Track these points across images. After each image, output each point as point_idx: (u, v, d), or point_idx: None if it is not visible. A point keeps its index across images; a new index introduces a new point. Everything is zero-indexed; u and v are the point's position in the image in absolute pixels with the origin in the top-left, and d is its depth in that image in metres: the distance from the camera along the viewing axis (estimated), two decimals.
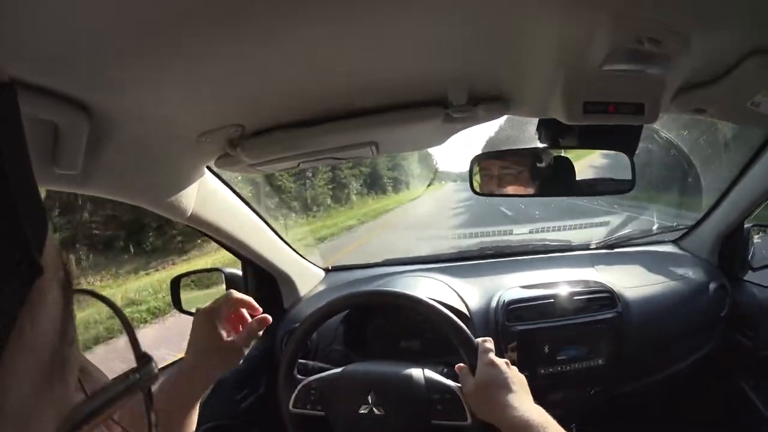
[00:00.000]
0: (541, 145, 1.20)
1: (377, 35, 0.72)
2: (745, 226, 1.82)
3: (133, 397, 0.35)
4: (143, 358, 0.36)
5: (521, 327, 1.53)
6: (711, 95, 0.93)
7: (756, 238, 1.85)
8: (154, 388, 0.48)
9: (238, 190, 1.43)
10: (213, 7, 0.57)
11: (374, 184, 21.94)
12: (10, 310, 0.24)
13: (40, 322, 0.26)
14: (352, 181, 20.05)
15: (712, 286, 1.76)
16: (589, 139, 1.17)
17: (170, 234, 12.08)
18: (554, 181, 1.27)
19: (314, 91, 0.90)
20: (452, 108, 0.98)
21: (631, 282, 1.73)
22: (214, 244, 1.61)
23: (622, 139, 1.18)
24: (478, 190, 1.28)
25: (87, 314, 6.51)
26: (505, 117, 1.08)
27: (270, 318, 1.03)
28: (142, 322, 7.66)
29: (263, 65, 0.76)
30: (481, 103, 0.98)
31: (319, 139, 1.04)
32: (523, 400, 1.00)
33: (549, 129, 1.16)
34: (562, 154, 1.27)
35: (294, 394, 1.25)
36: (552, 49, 0.79)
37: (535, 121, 1.18)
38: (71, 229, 10.94)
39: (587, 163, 1.34)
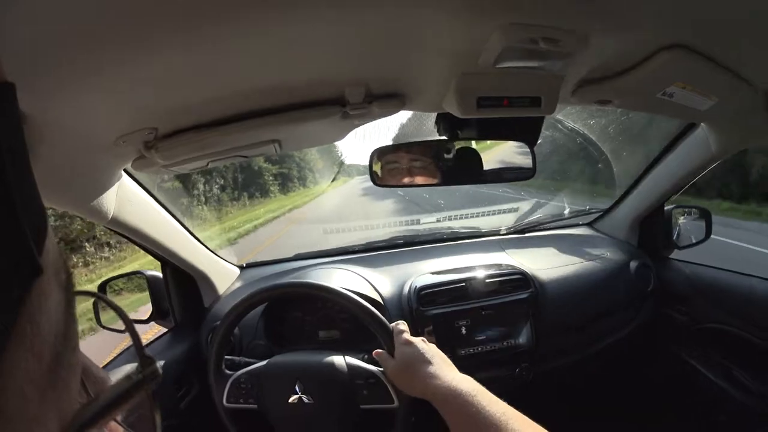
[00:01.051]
0: (440, 138, 1.23)
1: (276, 41, 0.75)
2: (666, 208, 1.91)
3: (137, 398, 0.35)
4: (146, 359, 0.37)
5: (435, 311, 1.58)
6: (617, 87, 0.97)
7: (681, 219, 1.95)
8: None
9: (153, 193, 1.43)
10: (119, 19, 0.60)
11: (249, 185, 19.34)
12: (9, 309, 0.24)
13: (41, 324, 0.26)
14: (199, 183, 15.92)
15: (633, 264, 1.84)
16: (488, 131, 1.21)
17: None
18: (460, 170, 1.31)
19: (220, 94, 0.92)
20: (349, 106, 1.01)
21: (545, 263, 1.79)
22: None
23: (522, 130, 1.22)
24: (379, 182, 1.31)
25: None
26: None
27: None
28: None
29: (171, 72, 0.78)
30: (376, 100, 1.02)
31: (226, 139, 1.06)
32: (446, 371, 0.99)
33: (447, 122, 1.20)
34: (467, 145, 1.31)
35: (225, 390, 1.27)
36: (445, 50, 0.82)
37: (433, 114, 1.21)
38: None
39: (496, 152, 1.38)
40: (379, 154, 1.30)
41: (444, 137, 1.23)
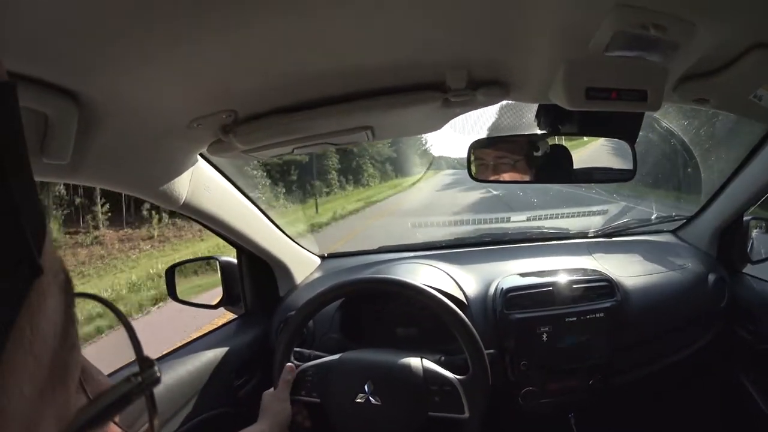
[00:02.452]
0: (540, 132, 1.19)
1: (373, 16, 0.70)
2: (744, 218, 1.79)
3: (136, 400, 0.35)
4: (145, 362, 0.36)
5: (519, 315, 1.50)
6: (714, 86, 0.93)
7: (755, 232, 1.83)
8: None
9: (232, 178, 1.41)
10: None
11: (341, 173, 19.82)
12: (9, 309, 0.24)
13: (40, 324, 0.26)
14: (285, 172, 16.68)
15: (711, 277, 1.73)
16: (590, 126, 1.16)
17: None
18: (551, 168, 1.26)
19: (308, 75, 0.88)
20: (450, 92, 0.96)
21: (630, 271, 1.70)
22: None
23: (623, 127, 1.17)
24: (476, 176, 1.27)
25: None
26: (504, 102, 1.07)
27: None
28: None
29: (254, 49, 0.74)
30: (480, 87, 0.97)
31: (312, 124, 1.02)
32: None
33: (549, 115, 1.16)
34: (559, 143, 1.26)
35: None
36: (554, 33, 0.78)
37: (534, 107, 1.17)
38: None
39: (586, 152, 1.33)
40: (476, 147, 1.26)
41: (544, 131, 1.19)
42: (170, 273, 1.67)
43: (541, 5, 0.70)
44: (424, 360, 1.23)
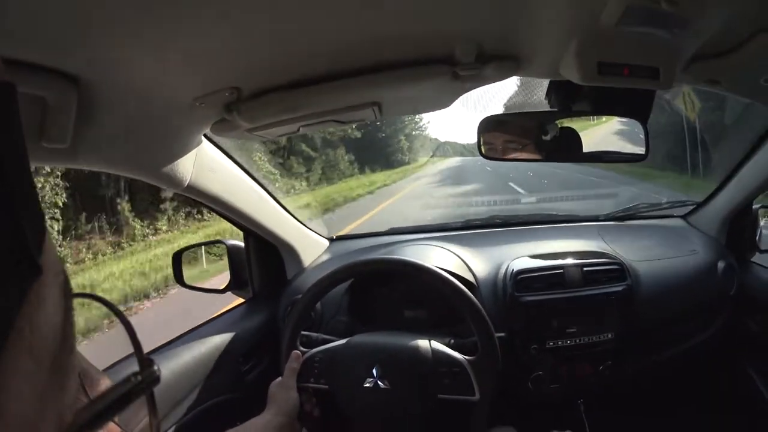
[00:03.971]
0: (551, 110, 1.17)
1: None
2: (754, 206, 1.77)
3: (136, 400, 0.35)
4: (145, 361, 0.37)
5: (530, 297, 1.49)
6: (724, 67, 0.93)
7: (763, 221, 1.81)
8: None
9: (237, 159, 1.40)
10: None
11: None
12: (9, 309, 0.24)
13: (40, 325, 0.26)
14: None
15: (720, 264, 1.71)
16: (602, 104, 1.14)
17: None
18: (561, 149, 1.25)
19: (312, 49, 0.86)
20: (459, 66, 0.94)
21: (641, 255, 1.69)
22: None
23: (635, 106, 1.15)
24: (485, 153, 1.25)
25: None
26: (515, 80, 1.06)
27: None
28: None
29: (256, 24, 0.73)
30: (489, 61, 0.95)
31: (318, 100, 1.01)
32: None
33: (560, 93, 1.14)
34: (568, 125, 1.24)
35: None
36: (565, 4, 0.77)
37: (545, 84, 1.16)
38: None
39: (597, 134, 1.31)
40: (486, 124, 1.24)
41: (554, 109, 1.17)
42: (177, 258, 1.66)
43: None
44: (432, 341, 1.22)
